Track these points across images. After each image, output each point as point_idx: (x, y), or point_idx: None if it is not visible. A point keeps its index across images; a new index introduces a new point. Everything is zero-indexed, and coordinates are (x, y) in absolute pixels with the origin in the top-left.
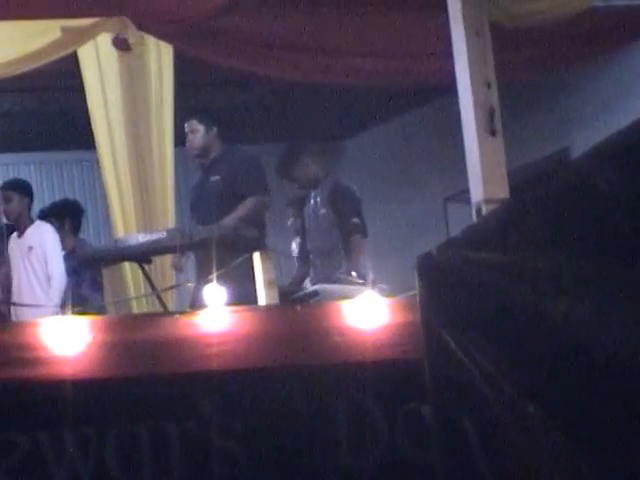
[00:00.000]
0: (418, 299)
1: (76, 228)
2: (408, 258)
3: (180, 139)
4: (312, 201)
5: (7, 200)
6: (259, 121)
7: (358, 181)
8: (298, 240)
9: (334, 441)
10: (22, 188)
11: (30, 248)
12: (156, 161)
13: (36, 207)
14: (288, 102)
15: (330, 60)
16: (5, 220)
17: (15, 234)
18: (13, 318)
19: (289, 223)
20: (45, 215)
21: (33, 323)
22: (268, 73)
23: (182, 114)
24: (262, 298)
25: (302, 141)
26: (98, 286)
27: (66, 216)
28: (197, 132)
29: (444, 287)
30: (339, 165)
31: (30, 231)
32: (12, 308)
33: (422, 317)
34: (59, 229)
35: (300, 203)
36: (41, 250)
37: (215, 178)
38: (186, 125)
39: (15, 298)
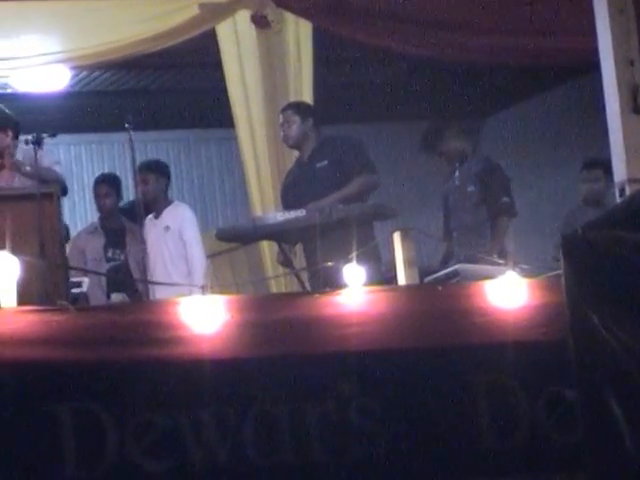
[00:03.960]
0: (563, 279)
1: None
2: (551, 238)
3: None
4: (458, 178)
5: (144, 181)
6: (398, 98)
7: (498, 159)
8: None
9: (475, 423)
10: (159, 169)
11: (167, 228)
12: None
13: (174, 185)
14: (427, 79)
15: (469, 37)
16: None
17: (151, 215)
18: (150, 297)
19: None
20: None
21: (171, 302)
22: (406, 49)
23: (322, 91)
24: (401, 278)
25: (445, 117)
26: None
27: None
28: (293, 123)
29: (590, 267)
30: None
31: (167, 211)
32: (149, 287)
33: (567, 298)
34: None
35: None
36: (177, 230)
37: (322, 164)
38: (281, 116)
39: (150, 277)
